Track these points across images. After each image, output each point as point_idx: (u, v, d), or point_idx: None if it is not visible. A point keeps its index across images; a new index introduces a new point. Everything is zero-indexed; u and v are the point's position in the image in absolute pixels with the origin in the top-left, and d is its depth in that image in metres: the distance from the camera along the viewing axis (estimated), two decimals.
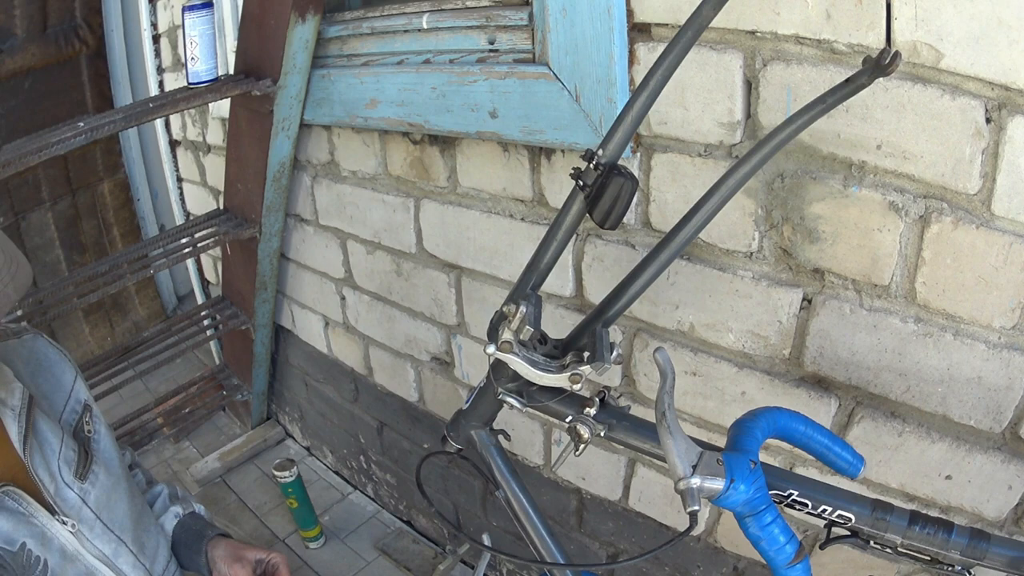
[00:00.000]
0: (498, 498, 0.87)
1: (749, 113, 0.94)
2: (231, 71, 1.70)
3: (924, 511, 0.68)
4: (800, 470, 1.05)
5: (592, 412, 0.73)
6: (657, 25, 0.99)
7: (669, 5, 0.96)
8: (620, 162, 0.72)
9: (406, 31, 1.36)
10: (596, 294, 1.23)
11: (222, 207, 2.00)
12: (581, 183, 0.72)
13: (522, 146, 1.23)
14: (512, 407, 0.79)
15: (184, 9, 1.53)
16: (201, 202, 2.45)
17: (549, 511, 1.52)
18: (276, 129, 1.62)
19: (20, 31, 2.33)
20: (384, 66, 1.40)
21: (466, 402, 0.86)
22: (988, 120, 0.75)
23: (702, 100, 0.97)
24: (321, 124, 1.66)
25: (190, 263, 2.64)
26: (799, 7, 0.83)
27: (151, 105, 1.55)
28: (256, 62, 1.58)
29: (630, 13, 0.99)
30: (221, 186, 2.00)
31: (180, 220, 2.58)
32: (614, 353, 0.69)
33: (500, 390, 0.78)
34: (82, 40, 2.52)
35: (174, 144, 2.48)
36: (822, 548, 0.70)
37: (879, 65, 0.61)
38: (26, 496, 0.73)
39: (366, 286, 1.78)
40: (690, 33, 0.67)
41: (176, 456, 2.43)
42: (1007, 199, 0.77)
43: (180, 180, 2.54)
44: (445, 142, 1.38)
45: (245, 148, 1.77)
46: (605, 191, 0.70)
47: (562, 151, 1.17)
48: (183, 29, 1.54)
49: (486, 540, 0.93)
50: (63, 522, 0.75)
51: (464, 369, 1.59)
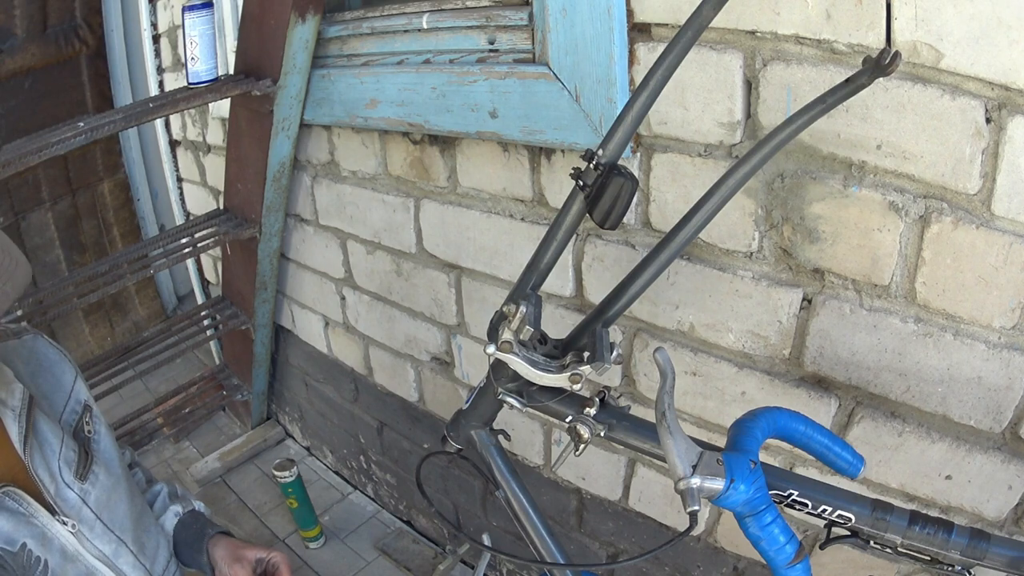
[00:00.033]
0: (498, 498, 0.86)
1: (749, 113, 0.94)
2: (231, 71, 1.70)
3: (924, 511, 0.68)
4: (800, 470, 1.05)
5: (592, 412, 0.73)
6: (657, 25, 0.99)
7: (669, 5, 0.96)
8: (620, 162, 0.72)
9: (406, 31, 1.36)
10: (596, 294, 1.23)
11: (222, 207, 2.00)
12: (581, 183, 0.72)
13: (522, 146, 1.23)
14: (512, 407, 0.79)
15: (184, 9, 1.53)
16: (201, 202, 2.45)
17: (549, 511, 1.52)
18: (276, 129, 1.62)
19: (20, 31, 2.33)
20: (384, 66, 1.40)
21: (466, 402, 0.86)
22: (988, 120, 0.75)
23: (702, 100, 0.97)
24: (321, 124, 1.66)
25: (190, 263, 2.64)
26: (799, 7, 0.83)
27: (151, 105, 1.55)
28: (256, 62, 1.58)
29: (630, 13, 0.99)
30: (221, 186, 2.00)
31: (180, 220, 2.58)
32: (614, 353, 0.69)
33: (500, 390, 0.78)
34: (82, 40, 2.52)
35: (174, 144, 2.48)
36: (822, 548, 0.70)
37: (879, 65, 0.61)
38: (26, 496, 0.73)
39: (366, 286, 1.78)
40: (690, 33, 0.67)
41: (176, 456, 2.43)
42: (1007, 199, 0.77)
43: (180, 180, 2.54)
44: (445, 142, 1.38)
45: (245, 148, 1.77)
46: (605, 191, 0.70)
47: (562, 151, 1.17)
48: (183, 29, 1.54)
49: (486, 540, 0.93)
50: (63, 522, 0.75)
51: (464, 369, 1.59)
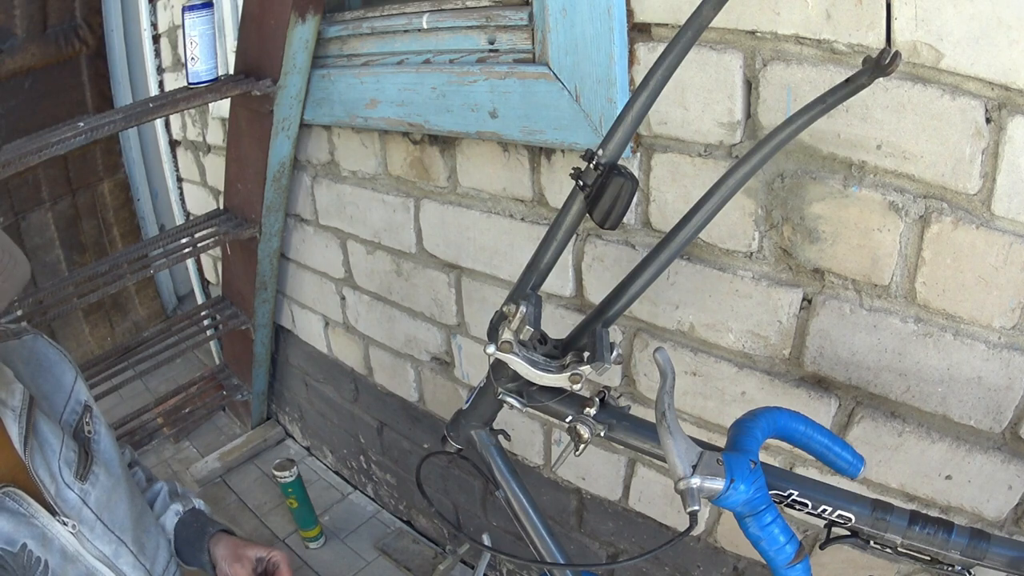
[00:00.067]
0: (498, 498, 0.86)
1: (749, 113, 0.94)
2: (231, 71, 1.70)
3: (924, 511, 0.68)
4: (800, 470, 1.05)
5: (592, 412, 0.73)
6: (657, 25, 0.99)
7: (669, 5, 0.96)
8: (620, 162, 0.72)
9: (406, 31, 1.36)
10: (596, 294, 1.23)
11: (222, 207, 2.00)
12: (581, 183, 0.72)
13: (522, 146, 1.23)
14: (512, 407, 0.79)
15: (184, 9, 1.53)
16: (201, 202, 2.45)
17: (549, 511, 1.52)
18: (276, 129, 1.62)
19: (20, 31, 2.33)
20: (384, 66, 1.40)
21: (466, 402, 0.86)
22: (988, 120, 0.75)
23: (702, 100, 0.97)
24: (321, 124, 1.66)
25: (190, 263, 2.64)
26: (799, 7, 0.83)
27: (151, 105, 1.55)
28: (256, 62, 1.58)
29: (630, 13, 0.99)
30: (221, 186, 2.00)
31: (180, 220, 2.58)
32: (614, 353, 0.69)
33: (500, 390, 0.78)
34: (82, 40, 2.52)
35: (174, 144, 2.48)
36: (822, 548, 0.70)
37: (879, 65, 0.61)
38: (27, 497, 0.73)
39: (366, 286, 1.78)
40: (690, 33, 0.67)
41: (176, 456, 2.43)
42: (1007, 199, 0.77)
43: (180, 180, 2.54)
44: (445, 142, 1.37)
45: (245, 148, 1.77)
46: (605, 191, 0.70)
47: (562, 151, 1.17)
48: (183, 29, 1.54)
49: (486, 540, 0.93)
50: (64, 523, 0.75)
51: (464, 369, 1.59)
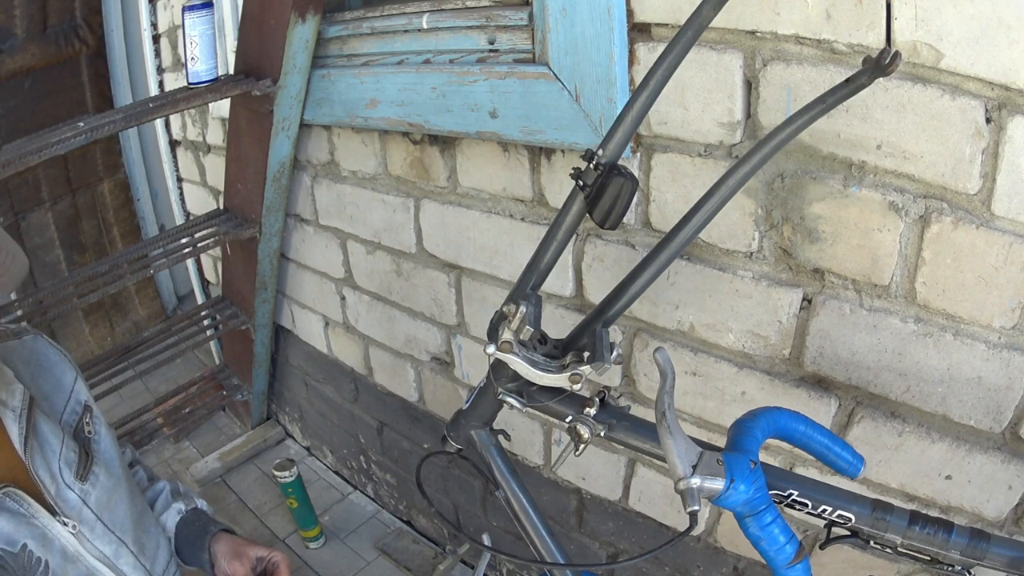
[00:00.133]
0: (498, 498, 0.86)
1: (749, 113, 0.94)
2: (231, 71, 1.70)
3: (924, 511, 0.68)
4: (800, 470, 1.05)
5: (592, 412, 0.73)
6: (657, 25, 0.99)
7: (669, 5, 0.95)
8: (620, 162, 0.72)
9: (406, 31, 1.36)
10: (596, 294, 1.23)
11: (222, 207, 2.00)
12: (581, 183, 0.72)
13: (522, 146, 1.23)
14: (512, 407, 0.79)
15: (184, 9, 1.53)
16: (201, 202, 2.45)
17: (549, 511, 1.52)
18: (276, 129, 1.62)
19: (20, 31, 2.33)
20: (384, 66, 1.40)
21: (466, 402, 0.86)
22: (988, 120, 0.75)
23: (702, 100, 0.97)
24: (321, 124, 1.66)
25: (190, 263, 2.64)
26: (799, 7, 0.83)
27: (151, 105, 1.55)
28: (256, 62, 1.58)
29: (630, 13, 0.99)
30: (221, 186, 2.00)
31: (180, 220, 2.58)
32: (614, 353, 0.69)
33: (500, 390, 0.78)
34: (82, 40, 2.52)
35: (174, 144, 2.48)
36: (822, 548, 0.70)
37: (879, 65, 0.61)
38: (27, 497, 0.73)
39: (366, 286, 1.78)
40: (690, 33, 0.67)
41: (176, 456, 2.43)
42: (1007, 199, 0.77)
43: (180, 180, 2.54)
44: (445, 142, 1.37)
45: (245, 148, 1.77)
46: (605, 191, 0.70)
47: (562, 151, 1.17)
48: (183, 29, 1.54)
49: (486, 540, 0.93)
50: (64, 523, 0.75)
51: (464, 369, 1.59)
